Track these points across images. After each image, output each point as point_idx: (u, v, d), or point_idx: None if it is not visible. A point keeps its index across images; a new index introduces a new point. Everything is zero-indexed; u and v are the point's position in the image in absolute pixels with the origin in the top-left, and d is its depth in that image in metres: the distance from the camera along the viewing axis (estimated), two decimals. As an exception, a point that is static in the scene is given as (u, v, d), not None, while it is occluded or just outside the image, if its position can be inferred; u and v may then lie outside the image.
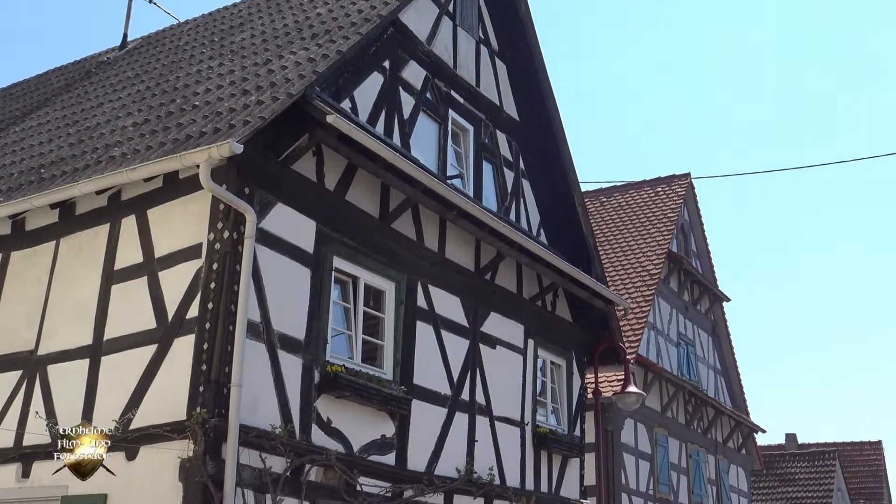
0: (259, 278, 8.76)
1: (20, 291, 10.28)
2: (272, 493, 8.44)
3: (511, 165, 13.95)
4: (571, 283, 13.75)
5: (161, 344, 8.67)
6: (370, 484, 9.72)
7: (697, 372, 21.70)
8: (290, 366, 9.04)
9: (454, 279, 11.81)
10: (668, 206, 21.89)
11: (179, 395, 8.30)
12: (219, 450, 8.03)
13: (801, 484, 38.93)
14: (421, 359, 10.90)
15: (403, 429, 10.45)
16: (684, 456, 19.88)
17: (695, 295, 22.57)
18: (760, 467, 26.46)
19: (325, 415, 9.38)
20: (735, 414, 22.73)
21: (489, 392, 12.09)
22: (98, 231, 9.71)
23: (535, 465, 13.04)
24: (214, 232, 8.66)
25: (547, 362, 14.09)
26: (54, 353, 9.59)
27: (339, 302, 10.06)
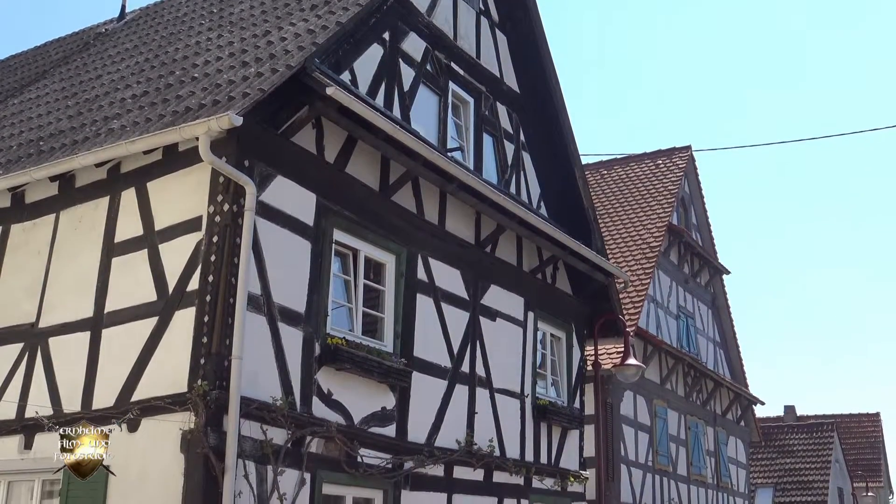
0: (259, 251, 8.76)
1: (20, 264, 10.29)
2: (273, 464, 8.49)
3: (511, 138, 13.91)
4: (571, 256, 13.76)
5: (162, 317, 8.69)
6: (371, 455, 9.78)
7: (697, 344, 21.76)
8: (291, 338, 9.06)
9: (454, 252, 11.81)
10: (668, 179, 21.85)
11: (180, 368, 8.33)
12: (220, 422, 8.07)
13: (799, 455, 39.15)
14: (421, 331, 10.93)
15: (404, 401, 10.49)
16: (683, 428, 19.98)
17: (695, 267, 22.59)
18: (759, 439, 26.61)
19: (325, 387, 9.42)
20: (734, 386, 22.82)
21: (489, 364, 12.14)
22: (98, 204, 9.70)
23: (534, 436, 13.12)
24: (214, 205, 8.65)
25: (547, 335, 14.12)
26: (55, 326, 9.61)
27: (339, 275, 10.07)
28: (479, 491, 11.65)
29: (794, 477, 38.29)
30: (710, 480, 21.06)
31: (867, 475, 43.61)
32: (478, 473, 11.63)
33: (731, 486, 22.51)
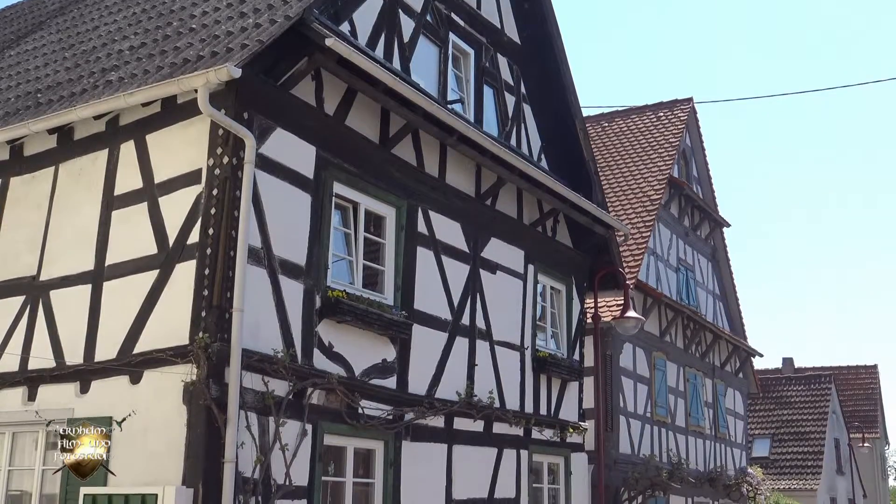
0: (259, 204, 8.75)
1: (20, 217, 10.28)
2: (275, 415, 8.57)
3: (512, 90, 13.82)
4: (572, 209, 13.75)
5: (162, 269, 8.70)
6: (371, 407, 9.86)
7: (696, 297, 21.81)
8: (292, 291, 9.09)
9: (454, 205, 11.80)
10: (669, 132, 21.74)
11: (181, 320, 8.37)
12: (222, 374, 8.13)
13: (796, 407, 39.49)
14: (421, 284, 10.96)
15: (404, 353, 10.55)
16: (682, 380, 20.11)
17: (695, 220, 22.57)
18: (757, 391, 26.79)
19: (326, 339, 9.47)
20: (733, 338, 22.93)
21: (489, 317, 12.19)
22: (97, 156, 9.67)
23: (534, 388, 13.21)
24: (214, 157, 8.62)
25: (547, 287, 14.16)
26: (56, 279, 9.64)
27: (339, 227, 10.07)
28: (479, 442, 11.77)
29: (791, 428, 38.65)
30: (708, 431, 21.24)
31: (864, 426, 44.03)
32: (478, 425, 11.73)
33: (728, 436, 22.71)
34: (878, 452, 49.70)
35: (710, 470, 20.75)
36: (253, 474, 8.26)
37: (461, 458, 11.32)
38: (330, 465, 9.55)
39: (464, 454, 11.38)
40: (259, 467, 8.32)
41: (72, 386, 9.10)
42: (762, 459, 35.76)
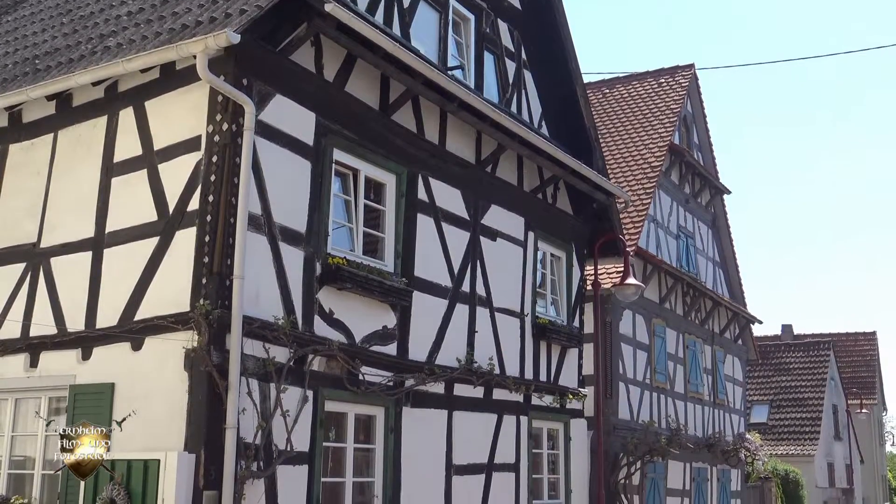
0: (259, 171, 8.73)
1: (20, 184, 10.27)
2: (276, 382, 8.61)
3: (512, 56, 13.74)
4: (572, 176, 13.72)
5: (163, 236, 8.70)
6: (372, 373, 9.91)
7: (696, 264, 21.82)
8: (292, 258, 9.10)
9: (455, 171, 11.77)
10: (670, 98, 21.63)
11: (182, 287, 8.38)
12: (223, 340, 8.16)
13: (795, 373, 39.70)
14: (421, 251, 10.96)
15: (404, 320, 10.58)
16: (681, 346, 20.17)
17: (695, 187, 22.52)
18: (756, 357, 26.88)
19: (326, 306, 9.49)
20: (732, 305, 22.97)
21: (489, 284, 12.20)
22: (96, 123, 9.63)
23: (534, 355, 13.26)
24: (213, 124, 8.59)
25: (547, 254, 14.17)
26: (57, 246, 9.64)
27: (339, 194, 10.06)
28: (479, 408, 11.84)
29: (789, 394, 38.88)
30: (707, 398, 21.34)
31: (862, 393, 44.27)
32: (478, 391, 11.79)
33: (727, 403, 22.82)
34: (876, 418, 50.01)
35: (709, 436, 20.88)
36: (254, 440, 8.32)
37: (461, 423, 11.39)
38: (331, 430, 9.61)
39: (464, 420, 11.45)
40: (260, 433, 8.37)
41: (73, 353, 9.14)
42: (760, 425, 36.00)
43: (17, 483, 9.64)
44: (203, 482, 7.88)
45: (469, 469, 11.48)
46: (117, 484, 7.99)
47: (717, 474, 21.53)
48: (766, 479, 26.37)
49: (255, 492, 8.30)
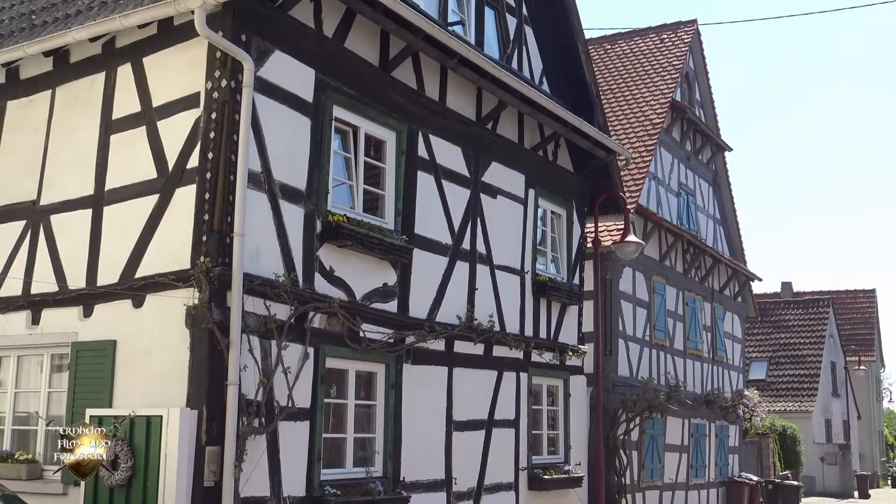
0: (259, 128, 8.69)
1: (19, 141, 10.22)
2: (277, 339, 8.65)
3: (513, 11, 13.61)
4: (573, 133, 13.66)
5: (163, 194, 8.69)
6: (373, 330, 9.95)
7: (697, 221, 21.81)
8: (292, 215, 9.09)
9: (455, 128, 11.72)
10: (672, 54, 21.45)
11: (183, 245, 8.38)
12: (223, 298, 8.18)
13: (794, 331, 39.89)
14: (422, 208, 10.95)
15: (405, 277, 10.60)
16: (681, 303, 20.22)
17: (697, 144, 22.43)
18: (755, 314, 26.96)
19: (327, 264, 9.50)
20: (732, 263, 22.99)
21: (490, 241, 12.21)
22: (94, 80, 9.57)
23: (534, 312, 13.30)
24: (212, 80, 8.53)
25: (547, 212, 14.16)
26: (56, 204, 9.63)
27: (339, 152, 10.02)
28: (480, 365, 11.90)
29: (788, 351, 39.11)
30: (706, 354, 21.44)
31: (860, 350, 44.53)
32: (478, 348, 11.85)
33: (726, 359, 22.93)
34: (874, 375, 50.35)
35: (708, 392, 21.01)
36: (256, 396, 8.37)
37: (461, 380, 11.46)
38: (332, 387, 9.67)
39: (464, 377, 11.52)
40: (262, 390, 8.42)
41: (75, 310, 9.17)
42: (759, 382, 36.24)
43: (20, 439, 9.73)
44: (205, 438, 7.95)
45: (469, 425, 11.58)
46: (120, 440, 8.06)
47: (716, 430, 21.70)
48: (763, 435, 26.59)
49: (257, 447, 8.37)
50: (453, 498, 11.17)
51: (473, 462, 11.65)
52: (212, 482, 7.95)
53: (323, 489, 9.06)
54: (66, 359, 9.26)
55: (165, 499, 7.78)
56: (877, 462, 48.88)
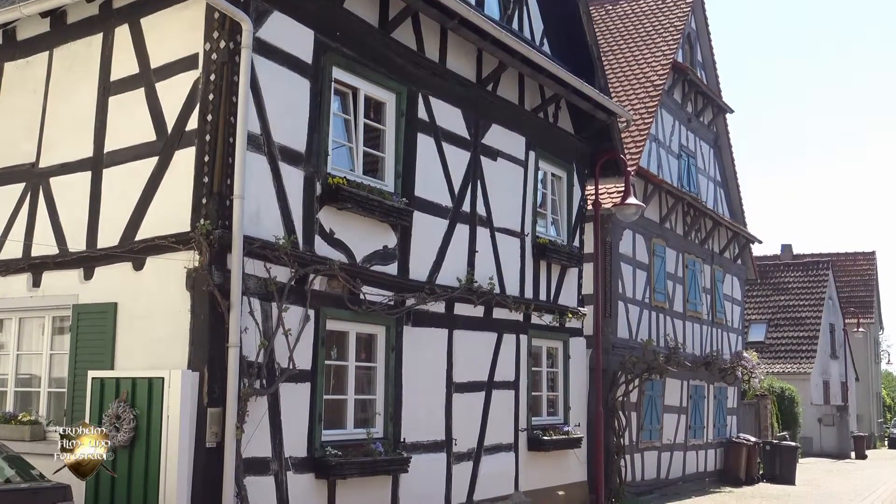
0: (258, 89, 8.64)
1: (17, 103, 10.17)
2: (278, 301, 8.67)
3: (514, -29, 13.47)
4: (574, 95, 13.59)
5: (162, 156, 8.66)
6: (373, 293, 9.97)
7: (697, 184, 21.76)
8: (292, 178, 9.07)
9: (455, 90, 11.65)
10: (674, 14, 21.28)
11: (182, 207, 8.37)
12: (224, 260, 8.18)
13: (793, 293, 39.98)
14: (422, 171, 10.92)
15: (405, 240, 10.60)
16: (681, 266, 20.24)
17: (698, 106, 22.32)
18: (755, 277, 27.00)
19: (327, 226, 9.50)
20: (732, 225, 22.98)
21: (490, 203, 12.19)
22: (91, 41, 9.49)
23: (534, 274, 13.33)
24: (210, 42, 8.47)
25: (548, 174, 14.13)
26: (55, 166, 9.61)
27: (339, 114, 9.97)
28: (480, 327, 11.94)
29: (787, 313, 39.24)
30: (706, 317, 21.49)
31: (859, 312, 44.68)
32: (478, 310, 11.88)
33: (725, 322, 22.99)
34: (872, 337, 50.55)
35: (707, 354, 21.10)
36: (257, 358, 8.41)
37: (462, 342, 11.50)
38: (333, 349, 9.72)
39: (464, 339, 11.57)
40: (263, 352, 8.46)
41: (76, 272, 9.18)
42: (758, 344, 36.38)
43: (23, 400, 9.79)
44: (207, 399, 8.00)
45: (469, 387, 11.64)
46: (122, 401, 8.12)
47: (714, 392, 21.82)
48: (762, 396, 26.74)
49: (258, 409, 8.43)
50: (453, 458, 11.27)
51: (473, 423, 11.73)
52: (213, 443, 8.02)
53: (324, 450, 9.13)
54: (68, 321, 9.29)
55: (168, 459, 7.85)
56: (874, 423, 49.23)
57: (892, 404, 62.03)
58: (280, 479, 8.69)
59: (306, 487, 8.98)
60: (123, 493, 7.97)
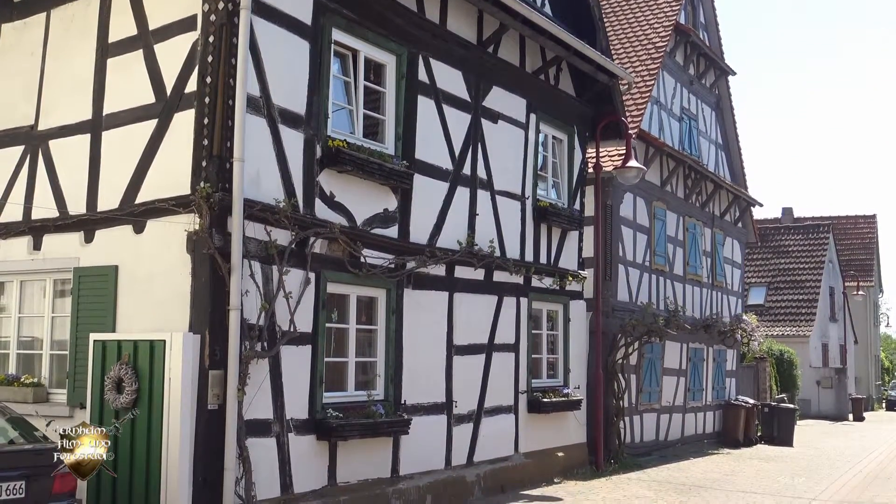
0: (257, 51, 8.59)
1: (14, 65, 10.11)
2: (278, 264, 8.68)
3: (515, -69, 13.32)
4: (575, 57, 13.50)
5: (161, 119, 8.63)
6: (374, 256, 9.97)
7: (699, 146, 21.68)
8: (292, 141, 9.03)
9: (456, 52, 11.57)
10: (677, -25, 21.06)
11: (182, 170, 8.36)
12: (224, 223, 8.18)
13: (793, 256, 39.97)
14: (422, 133, 10.88)
15: (405, 202, 10.59)
16: (681, 229, 20.23)
17: (700, 68, 22.17)
18: (755, 240, 26.99)
19: (328, 189, 9.48)
20: (733, 188, 22.93)
21: (490, 166, 12.16)
22: (89, 2, 9.42)
23: (534, 237, 13.33)
24: (209, 2, 8.40)
25: (549, 137, 14.08)
26: (55, 129, 9.57)
27: (339, 76, 9.91)
28: (480, 290, 11.96)
29: (787, 276, 39.25)
30: (706, 280, 21.52)
31: (859, 275, 44.71)
32: (478, 273, 11.90)
33: (725, 285, 23.03)
34: (872, 300, 50.63)
35: (706, 317, 21.15)
36: (258, 321, 8.44)
37: (462, 305, 11.53)
38: (333, 312, 9.75)
39: (465, 302, 11.59)
40: (264, 314, 8.48)
41: (76, 235, 9.19)
42: (757, 307, 36.46)
43: (26, 363, 9.83)
44: (208, 362, 8.04)
45: (469, 349, 11.69)
46: (125, 364, 8.15)
47: (714, 354, 21.91)
48: (760, 359, 26.83)
49: (259, 371, 8.47)
50: (454, 420, 11.35)
51: (474, 385, 11.79)
52: (215, 405, 8.07)
53: (325, 412, 9.19)
54: (69, 284, 9.31)
55: (170, 421, 7.90)
56: (872, 386, 49.46)
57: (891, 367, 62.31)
58: (282, 440, 8.75)
59: (308, 449, 9.06)
60: (126, 455, 8.04)
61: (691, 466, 16.40)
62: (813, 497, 12.95)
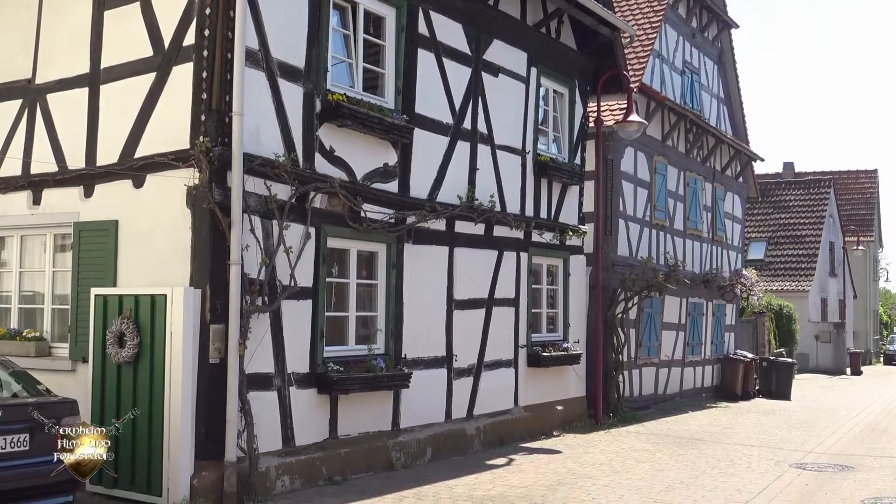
0: (255, 4, 8.50)
1: (10, 18, 10.02)
2: (278, 219, 8.67)
3: None
4: (576, 9, 13.37)
5: (159, 72, 8.56)
6: (374, 210, 9.96)
7: (700, 101, 21.56)
8: (291, 94, 8.98)
9: (456, 5, 11.45)
10: (680, -74, 20.78)
11: (181, 124, 8.31)
12: (224, 178, 8.16)
13: (794, 211, 39.93)
14: (422, 87, 10.81)
15: (406, 157, 10.55)
16: (682, 184, 20.18)
17: (703, 21, 21.97)
18: (756, 195, 26.94)
19: (327, 143, 9.44)
20: (734, 143, 22.83)
21: (491, 120, 12.10)
22: (85, -47, 9.31)
23: (535, 192, 13.30)
24: (206, -46, 8.30)
25: (549, 91, 13.99)
26: (52, 82, 9.51)
27: (338, 29, 9.82)
28: (480, 244, 11.97)
29: (787, 231, 39.25)
30: (706, 235, 21.51)
31: (859, 230, 44.70)
32: (479, 228, 11.89)
33: (725, 239, 23.04)
34: (872, 255, 50.68)
35: (706, 272, 21.19)
36: (258, 276, 8.45)
37: (462, 260, 11.55)
38: (334, 267, 9.76)
39: (465, 256, 11.61)
40: (264, 269, 8.49)
41: (76, 190, 9.17)
42: (757, 262, 36.51)
43: (28, 317, 9.87)
44: (209, 316, 8.07)
45: (470, 304, 11.73)
46: (126, 318, 8.19)
47: (713, 309, 21.98)
48: (759, 313, 26.93)
49: (260, 325, 8.51)
50: (454, 374, 11.42)
51: (474, 340, 11.85)
52: (217, 359, 8.12)
53: (326, 366, 9.25)
54: (69, 239, 9.31)
55: (172, 375, 7.95)
56: (870, 340, 49.69)
57: (889, 322, 62.57)
58: (283, 394, 8.82)
59: (309, 402, 9.13)
60: (129, 408, 8.08)
61: (689, 420, 16.53)
62: (810, 449, 13.08)
